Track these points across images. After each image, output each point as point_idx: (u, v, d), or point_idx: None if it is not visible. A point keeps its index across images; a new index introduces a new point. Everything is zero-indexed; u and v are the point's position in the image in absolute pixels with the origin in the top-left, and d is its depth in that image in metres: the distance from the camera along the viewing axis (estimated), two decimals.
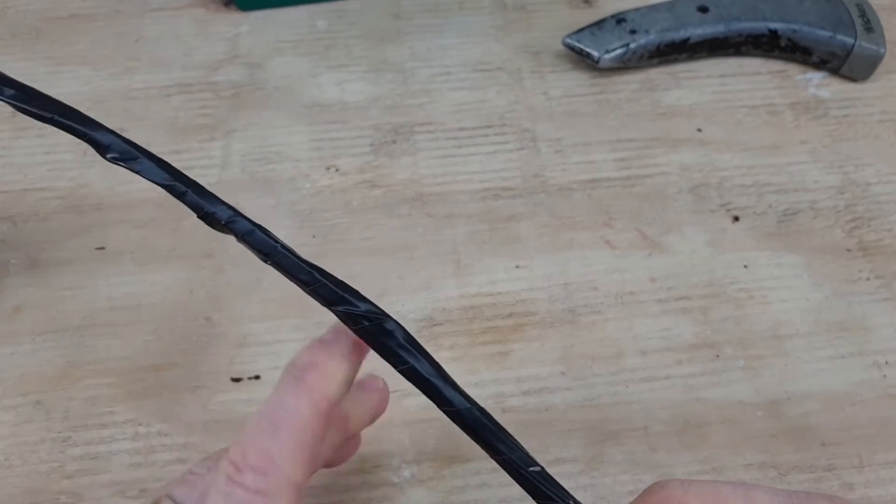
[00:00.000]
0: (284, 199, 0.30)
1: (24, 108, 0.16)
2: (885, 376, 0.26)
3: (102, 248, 0.28)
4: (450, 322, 0.27)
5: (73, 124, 0.16)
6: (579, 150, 0.31)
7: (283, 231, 0.29)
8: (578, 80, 0.34)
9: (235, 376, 0.25)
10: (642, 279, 0.28)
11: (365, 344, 0.16)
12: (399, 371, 0.15)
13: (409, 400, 0.25)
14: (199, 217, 0.16)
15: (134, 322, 0.26)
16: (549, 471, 0.16)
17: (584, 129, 0.32)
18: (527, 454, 0.16)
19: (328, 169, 0.31)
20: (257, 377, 0.25)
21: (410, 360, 0.15)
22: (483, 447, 0.16)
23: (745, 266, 0.28)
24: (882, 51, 0.32)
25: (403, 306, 0.27)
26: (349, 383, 0.16)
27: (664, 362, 0.26)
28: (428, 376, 0.15)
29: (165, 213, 0.29)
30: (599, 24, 0.33)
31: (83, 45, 0.34)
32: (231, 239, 0.16)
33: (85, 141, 0.16)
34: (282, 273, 0.16)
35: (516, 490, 0.24)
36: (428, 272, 0.28)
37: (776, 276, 0.28)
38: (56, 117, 0.15)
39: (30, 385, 0.25)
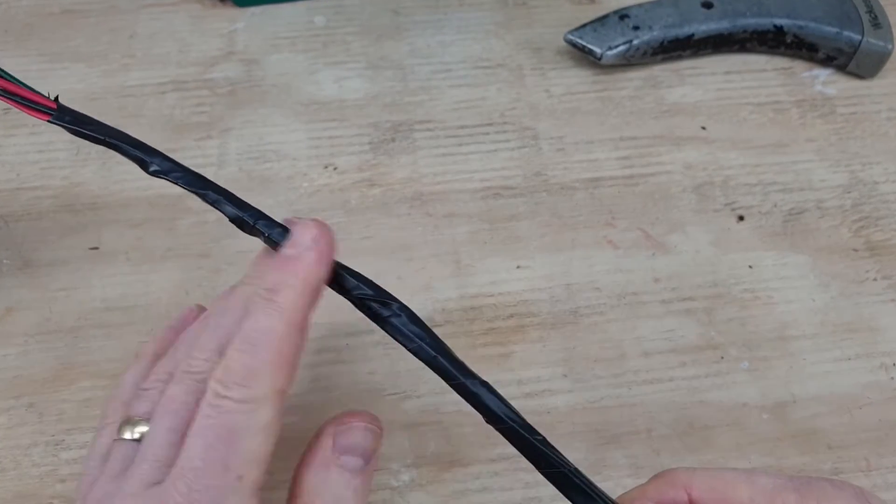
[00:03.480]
0: (282, 199, 0.29)
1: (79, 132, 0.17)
2: (892, 378, 0.25)
3: (96, 248, 0.28)
4: (450, 323, 0.26)
5: (123, 145, 0.17)
6: (581, 148, 0.31)
7: None
8: (580, 78, 0.33)
9: None
10: (645, 279, 0.27)
11: (328, 253, 0.17)
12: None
13: (408, 402, 0.24)
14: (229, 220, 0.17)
15: (129, 323, 0.26)
16: None
17: (587, 126, 0.32)
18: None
19: (326, 167, 0.30)
20: None
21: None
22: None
23: (750, 266, 0.28)
24: (890, 47, 0.32)
25: None
26: (320, 293, 0.17)
27: (668, 364, 0.25)
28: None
29: (161, 213, 0.29)
30: (602, 20, 0.33)
31: (77, 42, 0.34)
32: (228, 238, 0.16)
33: (134, 160, 0.17)
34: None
35: (518, 494, 0.23)
36: (428, 272, 0.27)
37: (782, 276, 0.28)
38: (107, 139, 0.17)
39: (22, 387, 0.25)
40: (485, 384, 0.16)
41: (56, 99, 0.18)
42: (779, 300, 0.27)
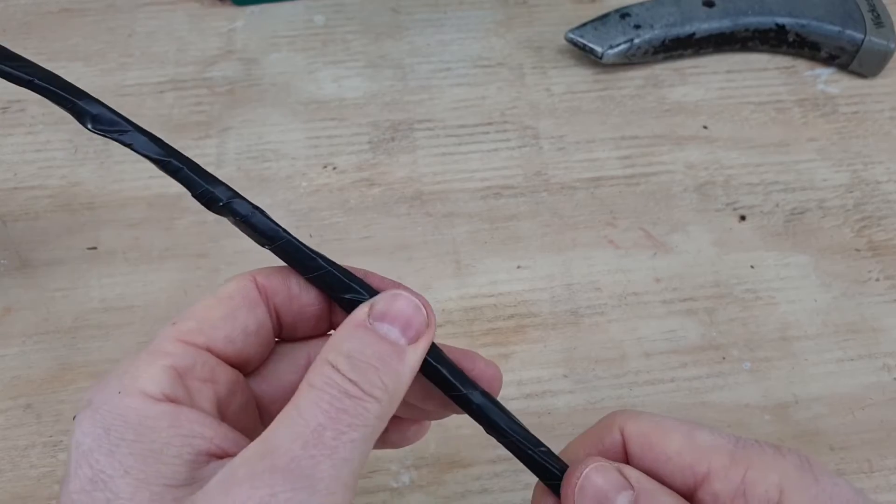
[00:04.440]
0: (280, 198, 0.29)
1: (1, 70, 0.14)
2: (894, 379, 0.25)
3: (94, 248, 0.28)
4: (450, 323, 0.26)
5: (55, 90, 0.14)
6: (582, 147, 0.31)
7: None
8: (581, 76, 0.33)
9: None
10: (647, 279, 0.27)
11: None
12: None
13: None
14: (193, 196, 0.15)
15: (127, 323, 0.26)
16: None
17: (588, 126, 0.31)
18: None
19: (325, 167, 0.30)
20: None
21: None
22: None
23: (752, 266, 0.28)
24: (892, 46, 0.32)
25: None
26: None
27: (669, 364, 0.25)
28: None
29: (159, 213, 0.29)
30: (603, 18, 0.33)
31: (75, 40, 0.34)
32: (227, 238, 0.16)
33: (68, 110, 0.14)
34: (284, 260, 0.15)
35: (518, 496, 0.23)
36: (427, 272, 0.27)
37: (783, 276, 0.27)
38: (36, 80, 0.14)
39: (20, 388, 0.25)
40: (486, 394, 0.15)
41: None
42: (780, 300, 0.27)
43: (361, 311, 0.14)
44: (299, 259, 0.15)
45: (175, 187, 0.18)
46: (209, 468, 0.13)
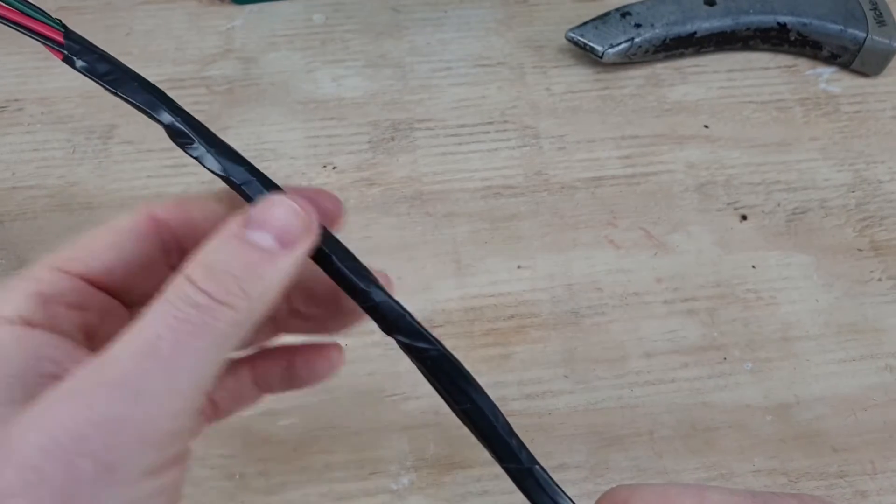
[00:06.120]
0: None
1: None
2: None
3: None
4: (450, 324, 0.26)
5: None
6: (583, 147, 0.31)
7: None
8: (582, 76, 0.33)
9: None
10: (647, 280, 0.27)
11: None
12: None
13: (408, 404, 0.24)
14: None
15: None
16: (553, 477, 0.15)
17: (588, 125, 0.31)
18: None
19: (325, 167, 0.30)
20: None
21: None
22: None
23: (754, 266, 0.28)
24: (895, 45, 0.32)
25: None
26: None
27: (670, 365, 0.25)
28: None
29: None
30: (603, 17, 0.33)
31: None
32: None
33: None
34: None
35: (519, 497, 0.23)
36: (427, 272, 0.27)
37: (785, 276, 0.27)
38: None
39: None
40: (387, 293, 0.14)
41: (63, 26, 0.15)
42: (782, 300, 0.27)
43: (235, 221, 0.14)
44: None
45: (173, 187, 0.18)
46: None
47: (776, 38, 0.33)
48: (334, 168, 0.30)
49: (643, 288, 0.27)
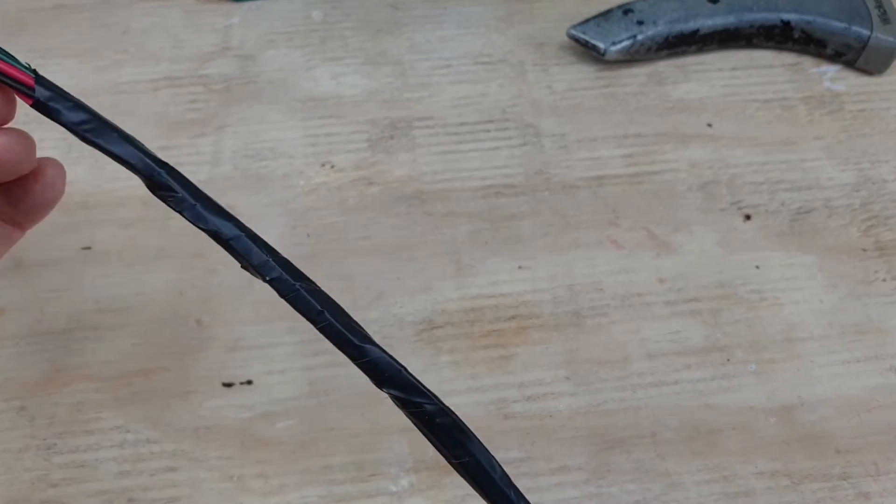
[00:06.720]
0: (278, 197, 0.29)
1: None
2: None
3: (89, 248, 0.27)
4: (450, 325, 0.26)
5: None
6: (584, 145, 0.30)
7: (276, 230, 0.28)
8: (584, 74, 0.33)
9: (227, 381, 0.25)
10: (650, 280, 0.27)
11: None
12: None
13: None
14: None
15: (122, 325, 0.26)
16: (554, 480, 0.15)
17: (590, 124, 0.31)
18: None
19: (323, 165, 0.30)
20: (249, 382, 0.25)
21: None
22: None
23: (757, 266, 0.27)
24: None
25: (402, 308, 0.26)
26: None
27: (673, 366, 0.25)
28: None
29: (154, 212, 0.28)
30: (606, 14, 0.32)
31: (69, 37, 0.33)
32: None
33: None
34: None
35: None
36: (427, 273, 0.27)
37: (789, 276, 0.27)
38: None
39: (13, 390, 0.24)
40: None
41: (34, 71, 0.15)
42: (786, 301, 0.26)
43: None
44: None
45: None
46: None
47: (780, 36, 0.33)
48: (333, 167, 0.30)
49: (645, 288, 0.27)
